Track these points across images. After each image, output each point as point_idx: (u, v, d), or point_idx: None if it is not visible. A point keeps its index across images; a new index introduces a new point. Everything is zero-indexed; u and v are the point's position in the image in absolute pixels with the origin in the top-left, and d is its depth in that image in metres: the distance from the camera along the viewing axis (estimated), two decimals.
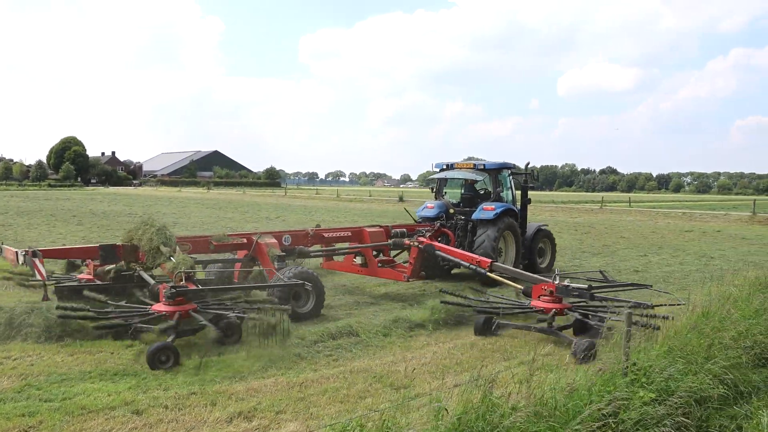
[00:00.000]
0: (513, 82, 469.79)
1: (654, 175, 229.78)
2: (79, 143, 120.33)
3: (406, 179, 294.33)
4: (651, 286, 11.43)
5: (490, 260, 11.48)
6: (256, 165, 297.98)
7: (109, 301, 9.41)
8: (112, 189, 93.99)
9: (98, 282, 10.23)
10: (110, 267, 10.36)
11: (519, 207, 15.74)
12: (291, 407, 6.45)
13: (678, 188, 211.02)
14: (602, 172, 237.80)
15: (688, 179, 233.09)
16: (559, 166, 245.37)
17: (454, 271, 15.15)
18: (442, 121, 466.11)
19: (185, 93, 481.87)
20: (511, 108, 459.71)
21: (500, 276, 11.21)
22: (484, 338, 9.35)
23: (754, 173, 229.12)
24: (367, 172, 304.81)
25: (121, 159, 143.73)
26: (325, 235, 13.25)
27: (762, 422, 4.96)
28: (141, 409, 6.23)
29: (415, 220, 16.08)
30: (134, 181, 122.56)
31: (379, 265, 13.40)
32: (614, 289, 10.85)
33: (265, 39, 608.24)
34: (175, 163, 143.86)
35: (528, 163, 16.36)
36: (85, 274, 10.64)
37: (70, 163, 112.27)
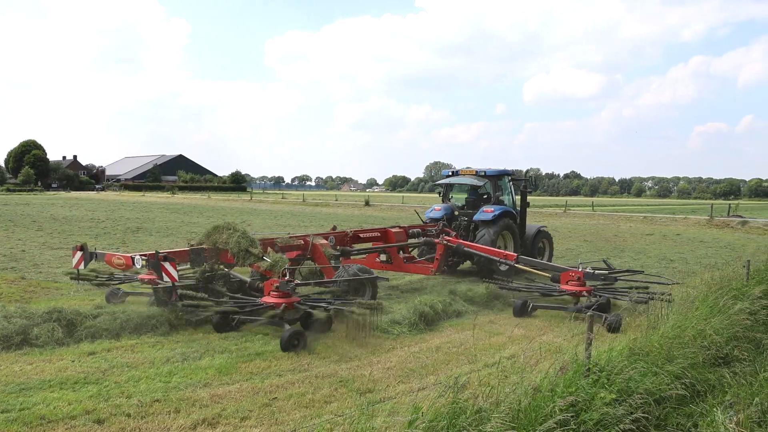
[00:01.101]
0: (479, 87, 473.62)
1: (617, 180, 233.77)
2: (39, 147, 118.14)
3: (372, 183, 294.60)
4: (643, 271, 13.76)
5: (516, 254, 13.63)
6: (222, 169, 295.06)
7: (226, 294, 10.78)
8: (73, 194, 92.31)
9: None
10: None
11: (518, 210, 17.18)
12: (256, 413, 6.41)
13: (640, 192, 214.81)
14: (566, 176, 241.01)
15: (650, 184, 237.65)
16: (524, 171, 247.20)
17: (460, 267, 16.60)
18: (408, 125, 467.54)
19: (150, 96, 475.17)
20: (477, 113, 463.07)
21: (526, 266, 13.32)
22: (450, 341, 9.41)
23: (712, 178, 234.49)
24: (334, 176, 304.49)
25: (83, 163, 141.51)
26: (361, 235, 14.55)
27: (716, 420, 5.09)
28: (103, 418, 6.14)
29: (423, 221, 17.49)
30: (97, 186, 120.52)
31: (405, 261, 15.02)
32: (620, 274, 12.96)
33: (231, 42, 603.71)
34: (139, 167, 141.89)
35: (527, 171, 17.84)
36: (145, 275, 11.13)
37: (30, 167, 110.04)
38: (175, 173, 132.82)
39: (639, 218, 41.72)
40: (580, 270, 11.83)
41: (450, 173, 17.83)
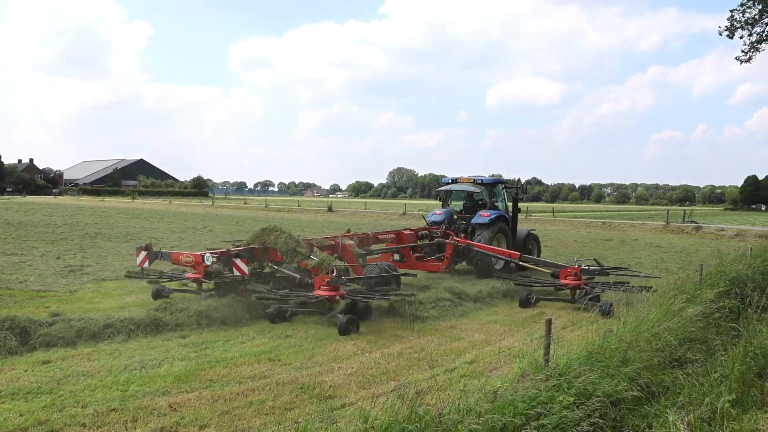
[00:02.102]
0: (442, 93, 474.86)
1: (577, 186, 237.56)
2: None
3: (335, 189, 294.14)
4: (628, 267, 15.91)
5: (519, 253, 15.71)
6: (183, 174, 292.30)
7: (291, 290, 12.15)
8: (29, 198, 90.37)
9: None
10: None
11: (511, 215, 19.10)
12: (215, 421, 6.34)
13: (599, 198, 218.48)
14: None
15: (609, 190, 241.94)
16: (516, 180, 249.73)
17: (458, 266, 17.81)
18: (372, 131, 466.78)
19: (110, 99, 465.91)
20: (440, 119, 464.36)
21: (528, 264, 15.50)
22: (411, 347, 9.43)
23: (668, 184, 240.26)
24: (297, 182, 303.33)
25: (40, 167, 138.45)
26: (380, 237, 16.36)
27: (668, 420, 5.20)
28: (56, 429, 6.02)
29: (427, 224, 18.99)
30: (54, 190, 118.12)
31: (416, 260, 16.73)
32: (608, 270, 14.92)
33: (194, 45, 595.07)
34: (98, 171, 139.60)
35: (519, 179, 20.01)
36: (191, 273, 12.08)
37: None
38: (136, 178, 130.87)
39: (598, 224, 42.39)
40: (576, 266, 13.47)
41: (450, 181, 19.34)
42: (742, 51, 20.00)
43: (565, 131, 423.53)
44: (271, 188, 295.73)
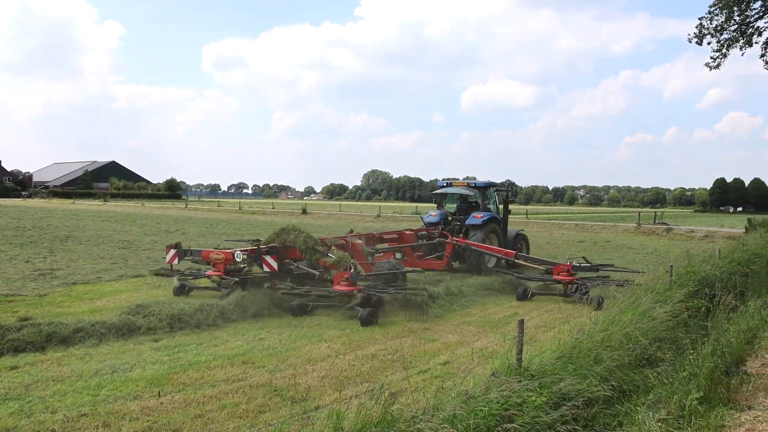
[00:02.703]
0: (417, 96, 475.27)
1: (550, 188, 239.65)
2: None
3: (310, 191, 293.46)
4: (613, 264, 16.67)
5: (514, 252, 17.07)
6: (156, 176, 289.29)
7: (311, 285, 13.05)
8: None
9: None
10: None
11: (501, 216, 20.14)
12: (188, 425, 6.29)
13: (572, 201, 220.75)
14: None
15: (582, 192, 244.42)
16: (460, 180, 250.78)
17: (455, 265, 18.75)
18: (346, 133, 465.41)
19: (81, 100, 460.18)
20: (414, 122, 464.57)
21: (523, 261, 16.71)
22: (385, 348, 9.44)
23: (640, 187, 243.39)
24: (271, 184, 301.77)
25: (8, 168, 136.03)
26: (384, 236, 17.63)
27: (638, 418, 5.27)
28: None
29: (425, 224, 19.96)
30: (23, 192, 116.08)
31: (418, 259, 17.61)
32: (597, 267, 15.65)
33: (167, 46, 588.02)
34: (69, 173, 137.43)
35: (508, 182, 20.76)
36: (212, 271, 12.98)
37: None
38: (108, 180, 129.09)
39: (571, 226, 42.82)
40: (569, 263, 14.70)
41: (445, 184, 20.43)
42: (711, 57, 20.34)
43: (538, 134, 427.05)
44: (245, 191, 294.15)
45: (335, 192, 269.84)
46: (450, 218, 19.91)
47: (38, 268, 17.07)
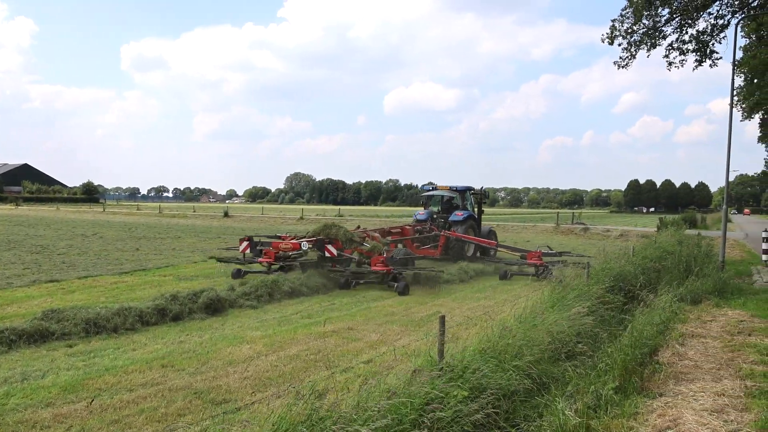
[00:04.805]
0: (341, 98, 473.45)
1: None
2: None
3: (232, 194, 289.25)
4: (571, 252, 22.16)
5: (496, 242, 22.65)
6: (73, 180, 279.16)
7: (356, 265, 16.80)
8: None
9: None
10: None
11: (476, 214, 23.97)
12: (104, 430, 6.07)
13: (494, 202, 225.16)
14: (424, 187, 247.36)
15: (503, 194, 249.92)
16: (384, 182, 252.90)
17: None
18: (270, 136, 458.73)
19: None
20: (338, 124, 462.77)
21: (504, 249, 21.78)
22: (308, 349, 9.36)
23: (558, 189, 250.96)
24: (192, 188, 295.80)
25: None
26: (391, 230, 21.56)
27: (557, 408, 5.41)
28: None
29: (415, 221, 23.93)
30: None
31: (416, 248, 21.05)
32: (560, 253, 21.00)
33: (83, 45, 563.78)
34: None
35: (482, 187, 25.00)
36: (264, 258, 16.92)
37: None
38: (20, 183, 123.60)
39: (493, 226, 43.59)
40: (539, 251, 19.30)
41: (431, 188, 24.80)
42: (620, 57, 21.30)
43: (461, 136, 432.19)
44: (165, 194, 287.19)
45: (258, 195, 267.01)
46: (435, 216, 23.78)
47: None
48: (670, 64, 21.19)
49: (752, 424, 5.52)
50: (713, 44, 20.66)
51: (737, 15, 20.17)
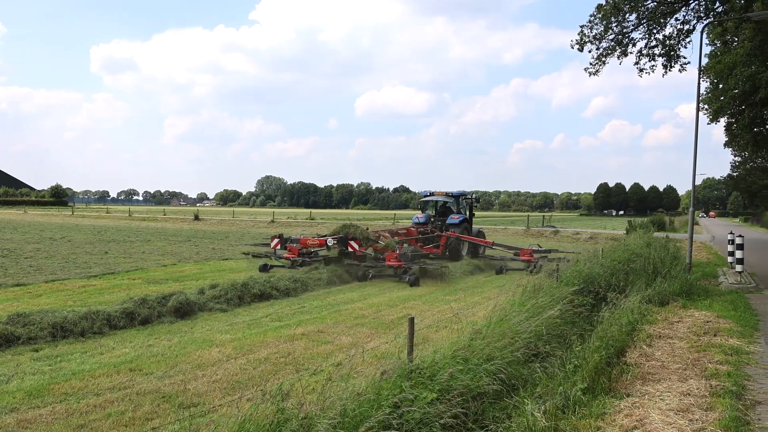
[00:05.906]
0: (312, 101, 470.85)
1: None
2: None
3: (203, 197, 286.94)
4: (558, 249, 24.53)
5: (492, 242, 24.08)
6: (41, 183, 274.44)
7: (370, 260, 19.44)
8: None
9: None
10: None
11: (469, 217, 26.32)
12: None
13: (488, 206, 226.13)
14: (395, 190, 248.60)
15: (474, 197, 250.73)
16: (355, 185, 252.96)
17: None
18: (240, 139, 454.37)
19: None
20: (309, 127, 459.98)
21: (499, 248, 23.47)
22: (277, 352, 9.31)
23: (529, 192, 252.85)
24: (163, 191, 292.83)
25: None
26: (399, 231, 24.19)
27: (526, 410, 5.45)
28: None
29: (414, 224, 26.16)
30: None
31: (420, 247, 23.47)
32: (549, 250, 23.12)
33: (52, 46, 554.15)
34: None
35: (473, 193, 27.82)
36: (287, 254, 19.59)
37: None
38: None
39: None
40: (530, 248, 21.67)
41: (428, 194, 27.09)
42: (590, 63, 21.35)
43: (432, 140, 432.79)
44: (135, 197, 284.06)
45: (229, 198, 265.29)
46: (432, 219, 26.21)
47: None
48: (641, 70, 21.32)
49: (716, 422, 5.61)
50: (679, 49, 20.89)
51: (702, 20, 20.45)
